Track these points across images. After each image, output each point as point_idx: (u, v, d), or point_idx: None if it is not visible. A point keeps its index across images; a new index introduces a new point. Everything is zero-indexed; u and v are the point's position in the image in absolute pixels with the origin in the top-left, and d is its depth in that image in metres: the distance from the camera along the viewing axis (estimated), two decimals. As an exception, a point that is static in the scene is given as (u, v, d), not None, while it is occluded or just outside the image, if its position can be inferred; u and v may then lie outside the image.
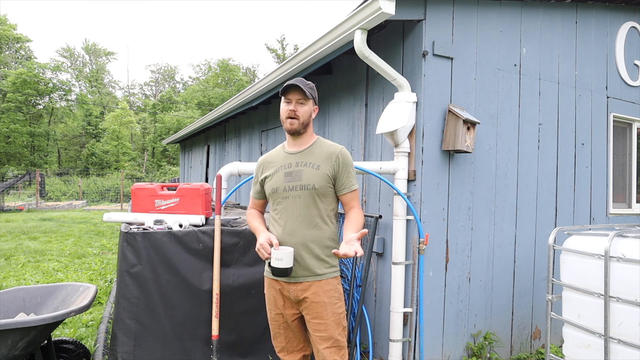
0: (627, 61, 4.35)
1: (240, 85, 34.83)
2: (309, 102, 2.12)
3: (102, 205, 20.55)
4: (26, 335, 2.35)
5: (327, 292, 2.07)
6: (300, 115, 2.10)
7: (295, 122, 2.09)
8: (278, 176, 2.15)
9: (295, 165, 2.13)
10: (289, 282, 2.09)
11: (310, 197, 2.07)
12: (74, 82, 39.12)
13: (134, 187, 3.02)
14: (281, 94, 2.12)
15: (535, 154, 3.66)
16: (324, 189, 2.08)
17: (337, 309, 2.09)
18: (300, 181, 2.09)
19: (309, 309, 2.07)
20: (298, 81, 2.09)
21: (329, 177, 2.09)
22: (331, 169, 2.10)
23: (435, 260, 3.09)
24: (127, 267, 2.69)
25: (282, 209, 2.12)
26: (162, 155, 36.42)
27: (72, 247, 8.27)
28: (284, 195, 2.11)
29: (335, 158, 2.11)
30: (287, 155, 2.19)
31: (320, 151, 2.14)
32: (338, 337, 2.08)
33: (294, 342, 2.22)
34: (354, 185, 2.14)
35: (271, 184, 2.16)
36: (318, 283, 2.06)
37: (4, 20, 30.93)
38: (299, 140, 2.17)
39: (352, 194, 2.13)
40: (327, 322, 2.05)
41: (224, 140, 8.62)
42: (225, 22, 79.04)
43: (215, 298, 2.70)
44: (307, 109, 2.12)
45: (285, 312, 2.15)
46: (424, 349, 3.01)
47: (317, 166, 2.10)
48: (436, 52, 3.02)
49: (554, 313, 2.88)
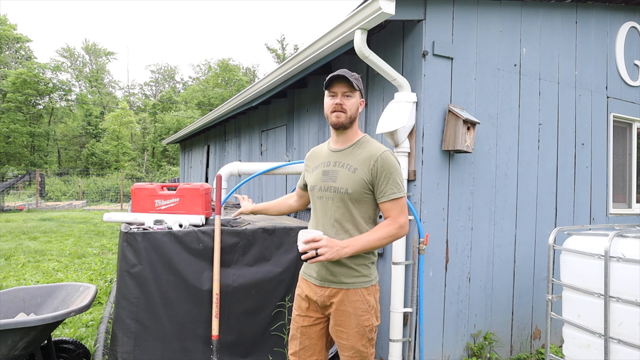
0: (627, 61, 4.35)
1: (240, 85, 34.83)
2: (355, 94, 1.95)
3: (102, 205, 20.55)
4: (26, 335, 2.35)
5: (354, 302, 1.93)
6: (348, 109, 1.93)
7: (342, 115, 1.93)
8: (317, 173, 2.05)
9: (334, 165, 1.99)
10: (317, 286, 2.00)
11: (342, 201, 1.93)
12: (74, 82, 39.16)
13: (134, 187, 3.02)
14: (325, 87, 1.96)
15: (535, 154, 3.66)
16: (358, 195, 1.91)
17: (364, 321, 1.93)
18: (335, 183, 1.95)
19: (334, 315, 1.98)
20: (343, 72, 1.91)
21: (365, 183, 1.91)
22: (368, 174, 1.91)
23: (435, 260, 3.09)
24: (127, 267, 2.69)
25: (316, 209, 2.04)
26: (162, 155, 36.42)
27: (72, 247, 8.27)
28: (319, 195, 2.01)
29: (374, 162, 1.90)
30: (330, 152, 2.06)
31: (361, 152, 1.96)
32: (361, 347, 1.95)
33: (308, 351, 2.07)
34: (395, 193, 1.90)
35: (310, 181, 2.08)
36: (345, 292, 1.93)
37: (4, 20, 30.92)
38: (342, 136, 2.01)
39: (392, 203, 1.90)
40: (350, 332, 1.94)
41: (224, 140, 8.62)
42: (225, 22, 79.11)
43: (215, 298, 2.70)
44: (354, 102, 1.95)
45: (308, 314, 2.05)
46: (424, 349, 3.01)
47: (354, 169, 1.93)
48: (436, 52, 3.02)
49: (554, 313, 2.88)
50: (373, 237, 1.87)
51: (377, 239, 1.87)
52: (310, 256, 1.78)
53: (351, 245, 1.83)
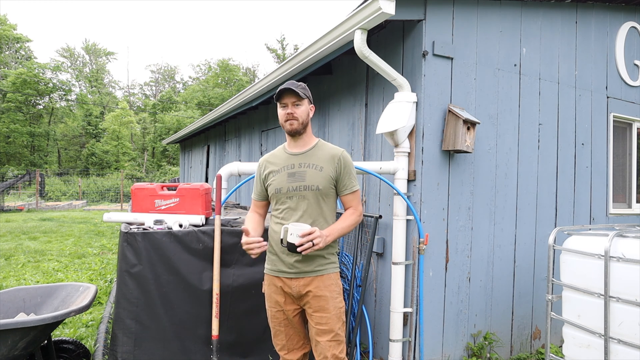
0: (627, 61, 4.35)
1: (240, 85, 34.83)
2: (304, 102, 2.18)
3: (102, 205, 20.55)
4: (26, 335, 2.35)
5: (329, 286, 2.15)
6: (299, 116, 2.16)
7: (295, 123, 2.16)
8: (281, 176, 2.20)
9: (299, 166, 2.20)
10: (291, 278, 2.15)
11: (314, 197, 2.15)
12: (74, 82, 39.15)
13: (134, 187, 3.02)
14: (276, 100, 2.19)
15: (535, 154, 3.66)
16: (327, 190, 2.17)
17: (338, 303, 2.17)
18: (304, 182, 2.16)
19: (312, 302, 2.14)
20: (289, 84, 2.15)
21: (331, 179, 2.17)
22: (334, 171, 2.18)
23: (435, 260, 3.09)
24: (127, 267, 2.69)
25: (286, 209, 2.18)
26: (162, 155, 36.42)
27: (72, 247, 8.27)
28: (288, 195, 2.17)
29: (338, 160, 2.19)
30: (290, 156, 2.25)
31: (323, 153, 2.21)
32: (338, 331, 2.15)
33: (294, 340, 2.27)
34: (355, 186, 2.23)
35: (274, 185, 2.21)
36: (320, 278, 2.14)
37: (4, 20, 30.93)
38: (299, 141, 2.24)
39: (353, 194, 2.23)
40: (329, 316, 2.12)
41: (224, 140, 8.62)
42: (225, 22, 79.10)
43: (215, 298, 2.69)
44: (303, 109, 2.18)
45: (286, 307, 2.21)
46: (424, 349, 3.01)
47: (320, 168, 2.17)
48: (436, 52, 3.02)
49: (554, 313, 2.88)
50: (344, 224, 2.17)
51: (347, 226, 2.17)
52: (307, 247, 1.96)
53: (332, 233, 2.10)
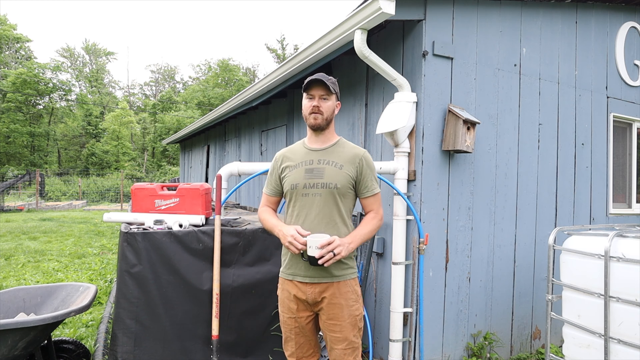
0: (627, 61, 4.35)
1: (240, 85, 34.83)
2: (332, 97, 2.07)
3: (102, 205, 20.55)
4: (26, 335, 2.35)
5: (345, 293, 2.03)
6: (324, 111, 2.05)
7: (319, 117, 2.05)
8: (298, 172, 2.09)
9: (317, 163, 2.08)
10: (306, 283, 2.04)
11: (331, 195, 2.03)
12: (74, 82, 39.14)
13: (134, 187, 3.02)
14: (304, 90, 2.07)
15: (535, 154, 3.66)
16: (344, 189, 2.05)
17: (354, 311, 2.06)
18: (322, 179, 2.04)
19: (326, 309, 2.04)
20: (320, 76, 2.03)
21: (350, 178, 2.06)
22: (354, 171, 2.07)
23: (435, 260, 3.09)
24: (127, 267, 2.69)
25: (300, 206, 2.06)
26: (162, 155, 36.42)
27: (72, 247, 8.27)
28: (304, 192, 2.05)
29: (359, 160, 2.08)
30: (309, 151, 2.13)
31: (344, 151, 2.10)
32: (353, 338, 2.05)
33: (304, 348, 2.15)
34: (376, 188, 2.13)
35: (291, 180, 2.09)
36: (336, 284, 2.03)
37: (4, 20, 30.92)
38: (321, 136, 2.12)
39: (374, 197, 2.12)
40: (343, 324, 2.02)
41: (224, 140, 8.62)
42: (225, 22, 79.09)
43: (215, 298, 2.69)
44: (330, 104, 2.07)
45: (299, 315, 2.09)
46: (424, 349, 3.01)
47: (340, 166, 2.06)
48: (436, 52, 3.02)
49: (554, 313, 2.88)
50: (366, 230, 2.06)
51: (369, 231, 2.07)
52: (328, 258, 1.86)
53: (354, 240, 1.99)
